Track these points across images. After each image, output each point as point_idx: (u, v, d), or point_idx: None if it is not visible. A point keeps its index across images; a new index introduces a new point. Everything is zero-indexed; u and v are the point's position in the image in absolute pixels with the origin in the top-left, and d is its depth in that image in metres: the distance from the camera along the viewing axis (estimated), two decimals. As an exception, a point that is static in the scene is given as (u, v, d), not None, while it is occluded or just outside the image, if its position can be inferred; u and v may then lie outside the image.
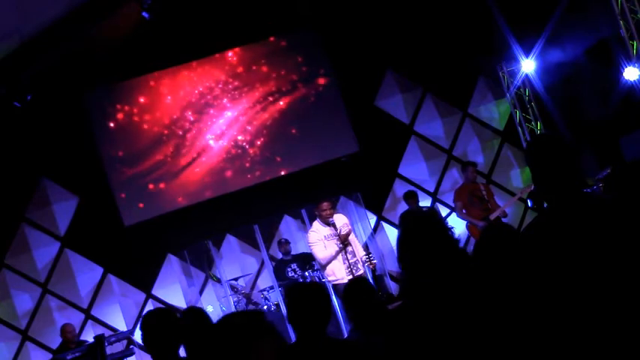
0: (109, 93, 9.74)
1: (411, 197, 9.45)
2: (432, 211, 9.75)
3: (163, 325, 3.50)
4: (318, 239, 7.09)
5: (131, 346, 8.84)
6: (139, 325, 3.78)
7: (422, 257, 2.51)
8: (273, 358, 1.90)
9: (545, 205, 2.53)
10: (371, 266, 7.13)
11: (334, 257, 7.03)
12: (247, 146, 9.94)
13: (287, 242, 9.42)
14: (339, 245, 7.00)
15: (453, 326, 2.36)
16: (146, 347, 3.56)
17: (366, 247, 7.78)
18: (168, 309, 3.75)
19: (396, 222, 10.01)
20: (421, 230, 2.56)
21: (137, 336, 8.87)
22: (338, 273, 7.03)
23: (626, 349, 2.19)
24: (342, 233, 7.01)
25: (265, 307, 8.84)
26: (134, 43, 9.17)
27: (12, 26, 7.43)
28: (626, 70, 8.87)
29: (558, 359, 2.29)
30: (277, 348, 1.91)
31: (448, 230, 2.60)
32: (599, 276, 2.26)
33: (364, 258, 7.15)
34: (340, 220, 7.25)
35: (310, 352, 3.00)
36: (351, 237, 7.26)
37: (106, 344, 7.40)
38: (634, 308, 2.21)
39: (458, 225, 9.19)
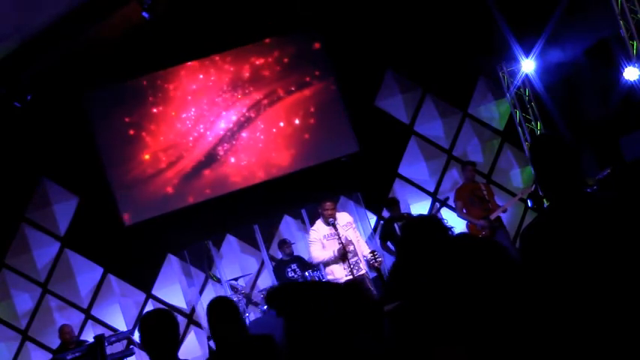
0: (109, 93, 9.74)
1: (392, 204, 9.41)
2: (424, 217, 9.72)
3: (161, 327, 3.49)
4: (317, 238, 7.12)
5: (131, 346, 8.84)
6: (137, 326, 3.80)
7: (421, 257, 2.51)
8: None
9: (546, 204, 2.54)
10: (376, 264, 7.11)
11: (329, 259, 7.03)
12: (247, 146, 9.94)
13: (290, 244, 9.38)
14: (336, 254, 6.98)
15: (451, 325, 2.36)
16: (145, 349, 3.55)
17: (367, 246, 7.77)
18: (166, 310, 3.74)
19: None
20: (421, 231, 2.57)
21: (137, 336, 8.88)
22: (337, 273, 7.05)
23: (627, 349, 2.19)
24: (344, 240, 6.98)
25: (265, 307, 8.84)
26: (134, 43, 9.17)
27: (12, 26, 7.43)
28: (626, 70, 8.87)
29: (557, 359, 2.29)
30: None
31: (448, 230, 2.62)
32: (599, 275, 2.26)
33: (369, 256, 7.14)
34: (344, 218, 7.26)
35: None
36: (355, 235, 7.27)
37: (106, 344, 7.41)
38: (634, 308, 2.21)
39: (458, 225, 9.19)
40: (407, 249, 2.65)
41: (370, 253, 7.15)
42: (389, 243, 9.16)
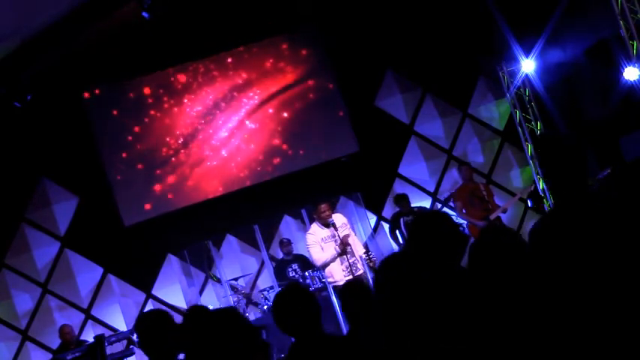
0: (109, 93, 9.74)
1: (402, 200, 9.47)
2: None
3: (158, 327, 3.50)
4: (315, 241, 7.07)
5: (131, 346, 8.83)
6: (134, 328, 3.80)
7: (429, 251, 2.52)
8: None
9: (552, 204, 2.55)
10: (371, 264, 7.11)
11: (331, 260, 7.01)
12: (247, 146, 9.94)
13: (289, 242, 9.41)
14: (337, 250, 6.96)
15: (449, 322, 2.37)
16: (143, 350, 3.55)
17: (365, 247, 7.76)
18: (163, 311, 3.74)
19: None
20: (432, 225, 2.58)
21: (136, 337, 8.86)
22: (336, 275, 7.02)
23: (629, 350, 2.19)
24: (342, 235, 6.96)
25: (265, 307, 8.84)
26: (134, 43, 9.17)
27: (12, 26, 7.43)
28: (626, 70, 8.87)
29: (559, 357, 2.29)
30: None
31: (458, 227, 2.63)
32: (603, 276, 2.26)
33: (364, 256, 7.13)
34: (339, 219, 7.23)
35: (310, 350, 3.01)
36: (351, 236, 7.25)
37: (106, 344, 7.40)
38: (636, 308, 2.21)
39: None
40: (415, 242, 2.65)
41: (364, 253, 7.14)
42: (397, 231, 9.34)
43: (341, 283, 6.96)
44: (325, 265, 7.10)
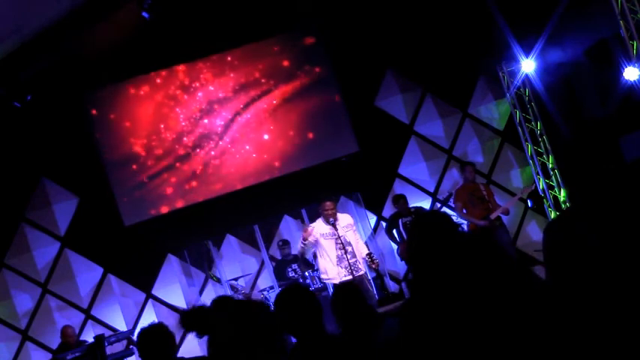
0: (109, 93, 9.74)
1: (400, 199, 9.50)
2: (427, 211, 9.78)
3: (158, 342, 3.57)
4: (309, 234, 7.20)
5: (131, 346, 8.84)
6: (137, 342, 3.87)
7: (429, 251, 2.52)
8: None
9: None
10: (374, 265, 7.14)
11: (300, 247, 7.46)
12: (247, 146, 9.94)
13: (288, 244, 9.41)
14: (338, 247, 7.00)
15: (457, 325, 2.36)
16: None
17: (366, 248, 7.78)
18: (162, 326, 3.79)
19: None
20: (431, 226, 2.59)
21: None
22: (330, 272, 7.08)
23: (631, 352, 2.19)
24: (342, 236, 7.02)
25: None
26: (134, 43, 9.17)
27: (12, 26, 7.43)
28: (626, 70, 8.86)
29: None
30: None
31: (458, 227, 2.63)
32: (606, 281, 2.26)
33: (367, 259, 7.15)
34: (345, 220, 7.28)
35: (312, 350, 3.01)
36: (354, 237, 7.27)
37: (106, 344, 7.41)
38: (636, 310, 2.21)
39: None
40: (415, 242, 2.66)
41: (367, 255, 7.16)
42: (394, 231, 9.36)
43: (334, 281, 7.03)
44: (299, 253, 8.10)
